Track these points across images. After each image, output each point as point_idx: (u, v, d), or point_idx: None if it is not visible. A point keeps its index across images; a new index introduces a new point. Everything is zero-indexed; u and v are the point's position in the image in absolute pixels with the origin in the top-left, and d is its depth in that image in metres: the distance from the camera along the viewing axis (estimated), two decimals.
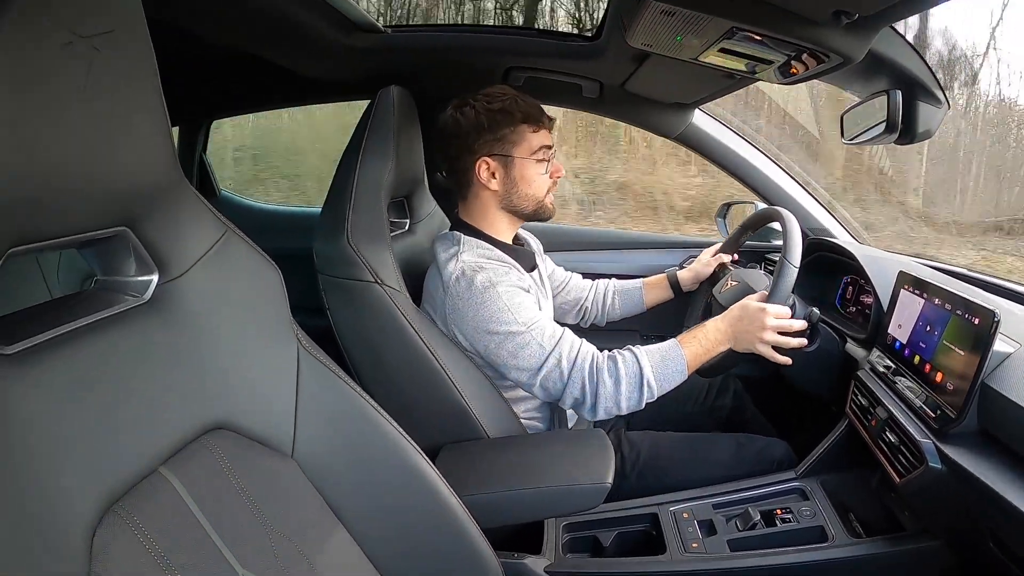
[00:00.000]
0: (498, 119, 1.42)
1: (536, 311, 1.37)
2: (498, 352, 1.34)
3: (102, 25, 0.54)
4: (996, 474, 0.93)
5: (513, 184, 1.46)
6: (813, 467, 1.43)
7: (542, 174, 1.47)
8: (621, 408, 1.32)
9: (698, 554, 1.28)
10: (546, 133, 1.48)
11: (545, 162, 1.47)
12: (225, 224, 0.84)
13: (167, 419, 0.70)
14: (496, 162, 1.44)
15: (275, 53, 1.75)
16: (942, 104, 1.41)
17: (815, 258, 1.89)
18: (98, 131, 0.57)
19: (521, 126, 1.43)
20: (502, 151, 1.43)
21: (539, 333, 1.33)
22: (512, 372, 1.35)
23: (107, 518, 0.59)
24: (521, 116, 1.43)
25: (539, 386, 1.34)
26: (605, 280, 1.96)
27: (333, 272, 1.38)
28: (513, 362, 1.34)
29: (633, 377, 1.31)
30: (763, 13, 1.09)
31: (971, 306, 1.05)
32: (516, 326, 1.32)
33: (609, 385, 1.31)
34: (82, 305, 0.68)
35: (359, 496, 0.91)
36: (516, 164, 1.44)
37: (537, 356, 1.32)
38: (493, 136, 1.42)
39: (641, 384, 1.31)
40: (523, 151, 1.44)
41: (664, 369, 1.33)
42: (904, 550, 1.24)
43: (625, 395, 1.31)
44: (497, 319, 1.32)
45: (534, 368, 1.33)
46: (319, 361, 0.91)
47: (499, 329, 1.33)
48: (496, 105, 1.42)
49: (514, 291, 1.35)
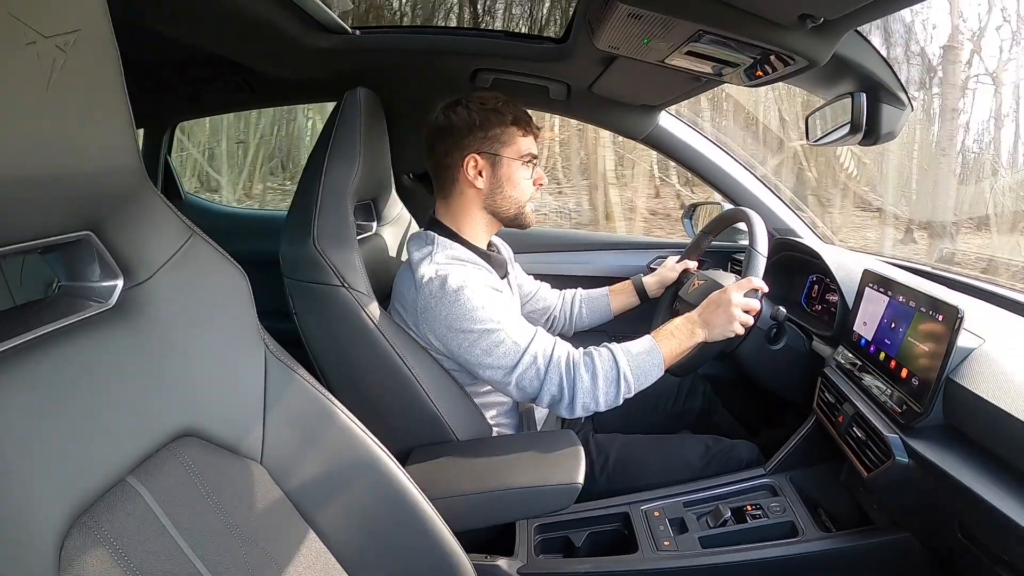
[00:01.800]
0: (490, 118, 1.43)
1: (509, 310, 1.37)
2: (471, 351, 1.32)
3: (67, 25, 0.53)
4: (962, 466, 0.95)
5: (498, 184, 1.46)
6: (782, 463, 1.45)
7: (527, 178, 1.48)
8: (599, 404, 1.30)
9: (670, 552, 1.29)
10: (533, 140, 1.49)
11: (531, 167, 1.48)
12: (191, 228, 0.83)
13: (134, 427, 0.68)
14: (484, 160, 1.44)
15: (241, 54, 1.73)
16: (905, 106, 1.43)
17: (781, 258, 1.92)
18: (61, 134, 0.56)
19: (511, 127, 1.44)
20: (491, 149, 1.44)
21: (513, 331, 1.32)
22: (486, 371, 1.33)
23: (75, 529, 0.58)
24: (512, 118, 1.44)
25: (515, 385, 1.32)
26: (572, 290, 1.97)
27: (299, 276, 1.37)
28: (487, 360, 1.32)
29: (610, 372, 1.30)
30: (729, 16, 1.10)
31: (935, 303, 1.07)
32: (490, 324, 1.31)
33: (586, 380, 1.29)
34: (46, 312, 0.67)
35: (329, 501, 0.90)
36: (503, 164, 1.45)
37: (512, 353, 1.31)
38: (484, 134, 1.43)
39: (618, 379, 1.30)
40: (511, 152, 1.45)
41: (640, 363, 1.33)
42: (873, 543, 1.26)
43: (603, 390, 1.30)
44: (470, 317, 1.31)
45: (509, 366, 1.31)
46: (286, 366, 0.90)
47: (472, 327, 1.31)
48: (489, 105, 1.43)
49: (486, 290, 1.34)
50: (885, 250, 2.09)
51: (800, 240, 1.93)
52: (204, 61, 2.02)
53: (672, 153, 2.13)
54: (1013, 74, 2.65)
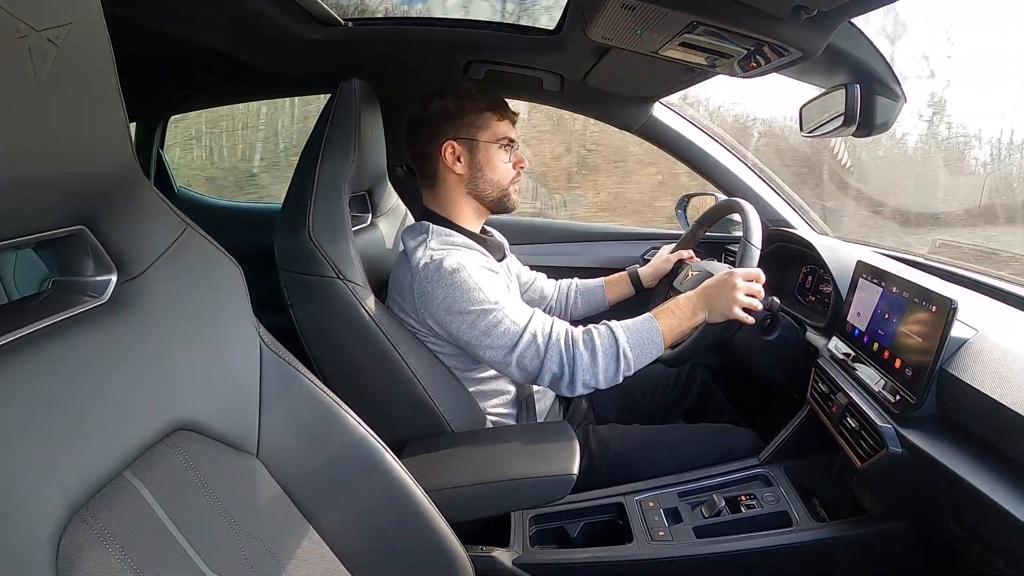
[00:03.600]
0: (464, 105, 1.46)
1: (506, 291, 1.38)
2: (471, 332, 1.33)
3: (59, 18, 0.53)
4: (955, 456, 0.96)
5: (478, 168, 1.48)
6: (776, 454, 1.46)
7: (505, 162, 1.50)
8: (599, 381, 1.31)
9: (665, 542, 1.29)
10: (509, 125, 1.50)
11: (508, 150, 1.50)
12: (184, 221, 0.82)
13: (130, 421, 0.68)
14: (461, 146, 1.46)
15: (234, 47, 1.72)
16: (899, 98, 1.43)
17: (775, 248, 1.92)
18: (54, 127, 0.56)
19: (486, 113, 1.47)
20: (467, 135, 1.46)
21: (512, 310, 1.33)
22: (486, 352, 1.34)
23: (72, 524, 0.58)
24: (486, 104, 1.47)
25: (515, 364, 1.33)
26: (568, 280, 1.98)
27: (295, 268, 1.36)
28: (487, 340, 1.32)
29: (609, 348, 1.31)
30: (723, 7, 1.10)
31: (928, 294, 1.08)
32: (488, 304, 1.31)
33: (586, 357, 1.30)
34: (40, 307, 0.66)
35: (325, 493, 0.90)
36: (480, 148, 1.47)
37: (512, 332, 1.31)
38: (460, 120, 1.46)
39: (618, 356, 1.31)
40: (487, 136, 1.47)
41: (640, 340, 1.33)
42: (867, 532, 1.26)
43: (602, 367, 1.30)
44: (468, 298, 1.31)
45: (509, 345, 1.31)
46: (282, 359, 0.90)
47: (471, 308, 1.32)
48: (463, 94, 1.47)
49: (483, 271, 1.36)
50: (878, 240, 2.10)
51: (794, 231, 1.94)
52: (196, 54, 2.00)
53: (666, 144, 2.13)
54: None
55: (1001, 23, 2.50)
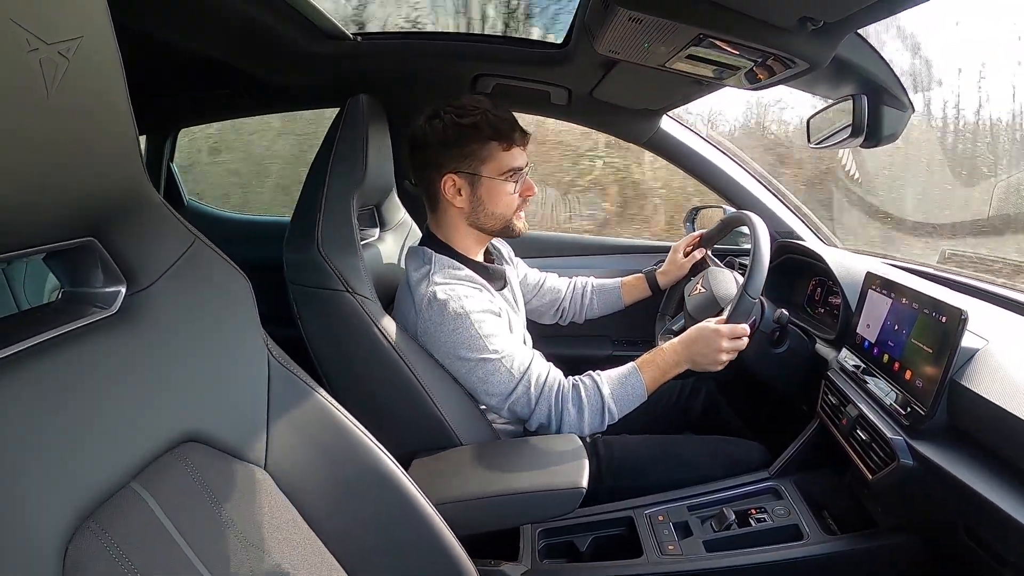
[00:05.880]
0: (466, 134, 1.38)
1: (508, 337, 1.40)
2: (468, 377, 1.38)
3: (69, 32, 0.53)
4: (967, 468, 0.95)
5: (479, 203, 1.43)
6: (786, 467, 1.45)
7: (510, 193, 1.44)
8: (584, 433, 1.39)
9: (674, 556, 1.28)
10: (519, 151, 1.44)
11: (515, 182, 1.44)
12: (194, 233, 0.83)
13: (138, 432, 0.68)
14: (462, 179, 1.41)
15: (244, 61, 1.73)
16: (907, 108, 1.43)
17: (783, 260, 1.91)
18: (64, 140, 0.56)
19: (490, 143, 1.40)
20: (469, 168, 1.41)
21: (510, 361, 1.36)
22: (482, 396, 1.40)
23: (79, 534, 0.58)
24: (491, 132, 1.39)
25: (507, 410, 1.40)
26: (583, 278, 1.98)
27: (304, 281, 1.37)
28: (483, 387, 1.37)
29: (595, 404, 1.39)
30: (730, 20, 1.10)
31: (938, 305, 1.07)
32: (487, 353, 1.35)
33: (573, 414, 1.38)
34: (49, 318, 0.66)
35: (333, 506, 0.90)
36: (483, 183, 1.42)
37: (507, 383, 1.36)
38: (460, 152, 1.39)
39: (602, 410, 1.39)
40: (490, 170, 1.41)
41: (624, 394, 1.40)
42: (878, 545, 1.25)
43: (588, 421, 1.38)
44: (469, 346, 1.34)
45: (504, 394, 1.37)
46: (290, 371, 0.90)
47: (471, 356, 1.35)
48: (466, 120, 1.38)
49: (486, 316, 1.37)
50: (887, 252, 2.09)
51: (802, 243, 1.93)
52: (206, 67, 2.02)
53: (674, 157, 2.13)
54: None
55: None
